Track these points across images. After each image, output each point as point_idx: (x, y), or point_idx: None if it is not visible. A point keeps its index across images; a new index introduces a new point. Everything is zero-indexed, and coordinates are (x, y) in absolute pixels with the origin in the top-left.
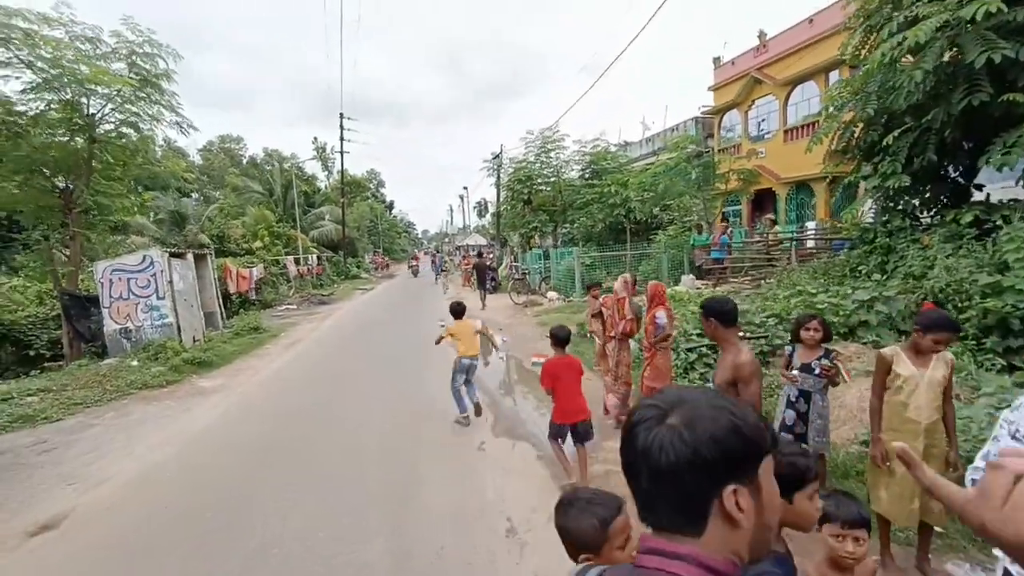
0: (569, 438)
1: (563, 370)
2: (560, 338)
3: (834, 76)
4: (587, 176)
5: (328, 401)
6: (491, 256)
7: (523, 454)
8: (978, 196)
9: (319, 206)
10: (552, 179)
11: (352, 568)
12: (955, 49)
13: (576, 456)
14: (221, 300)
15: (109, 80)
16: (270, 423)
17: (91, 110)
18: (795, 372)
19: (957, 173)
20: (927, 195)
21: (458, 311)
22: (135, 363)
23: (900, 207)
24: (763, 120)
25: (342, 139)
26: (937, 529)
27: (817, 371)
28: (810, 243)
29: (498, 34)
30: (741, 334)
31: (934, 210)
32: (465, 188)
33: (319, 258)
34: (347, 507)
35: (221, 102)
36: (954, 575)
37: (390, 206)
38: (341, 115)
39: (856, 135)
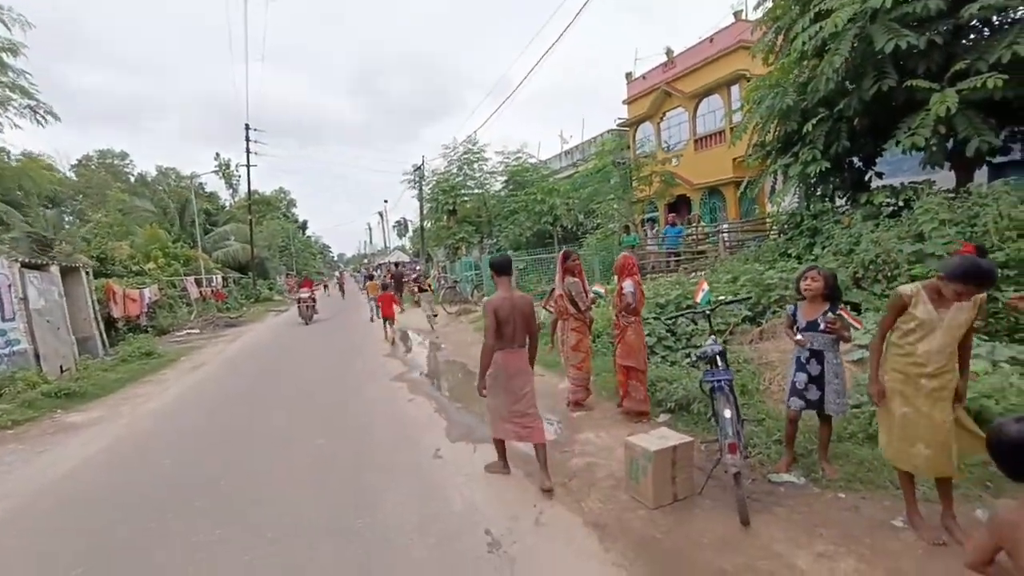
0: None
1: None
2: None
3: (735, 90)
4: (511, 188)
5: (246, 422)
6: (418, 270)
7: (487, 457)
8: (877, 182)
9: (223, 224)
10: (476, 191)
11: None
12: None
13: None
14: (101, 325)
15: None
16: (169, 455)
17: None
18: (800, 334)
19: (860, 162)
20: (841, 181)
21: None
22: None
23: (820, 192)
24: (675, 131)
25: (248, 151)
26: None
27: (822, 326)
28: (727, 236)
29: (411, 57)
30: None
31: (845, 196)
32: (385, 202)
33: (225, 279)
34: (282, 546)
35: (98, 118)
36: (983, 520)
37: (303, 226)
38: (247, 125)
39: (774, 128)
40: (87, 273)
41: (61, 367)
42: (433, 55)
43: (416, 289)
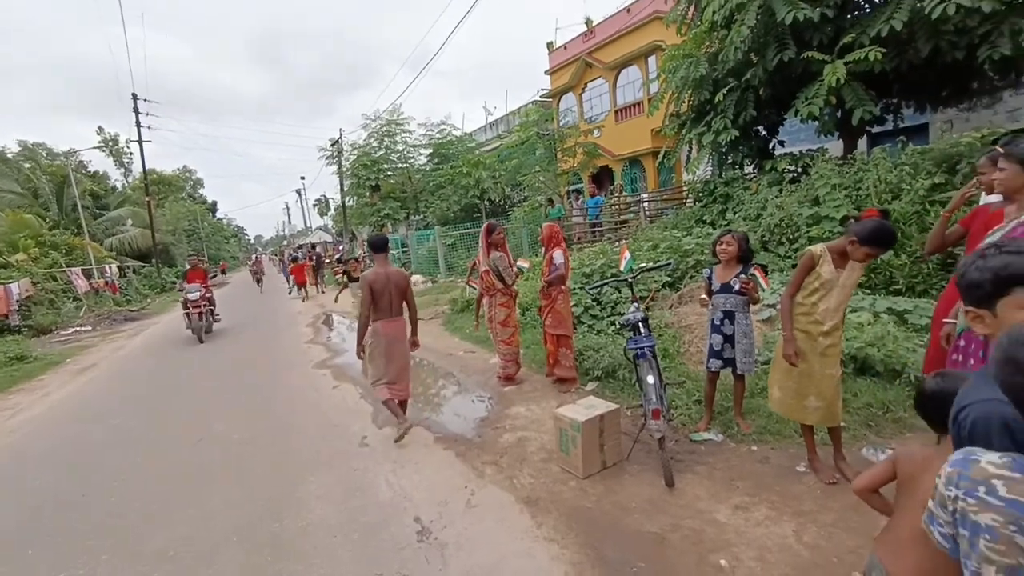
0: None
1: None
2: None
3: (652, 61)
4: (436, 162)
5: (146, 426)
6: (342, 249)
7: (417, 440)
8: (780, 150)
9: (116, 208)
10: (400, 165)
11: None
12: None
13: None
14: None
15: None
16: (43, 475)
17: None
18: (716, 296)
19: (765, 130)
20: (749, 149)
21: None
22: None
23: (731, 160)
24: (596, 102)
25: (139, 124)
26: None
27: (737, 287)
28: (647, 205)
29: (317, 29)
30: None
31: (753, 164)
32: (302, 179)
33: (122, 268)
34: (180, 563)
35: None
36: (869, 458)
37: (213, 208)
38: (134, 95)
39: (688, 98)
40: None
41: None
42: (342, 27)
43: (342, 272)
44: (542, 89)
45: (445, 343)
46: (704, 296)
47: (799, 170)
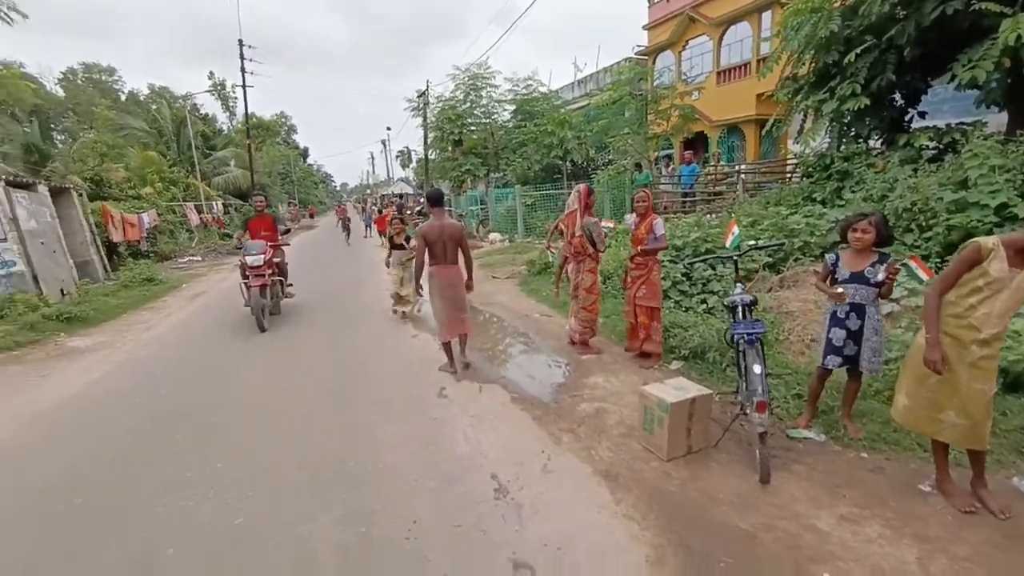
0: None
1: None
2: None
3: (767, 17)
4: (519, 119)
5: (243, 357)
6: (422, 202)
7: (494, 397)
8: (919, 123)
9: (222, 149)
10: (484, 120)
11: (289, 558)
12: None
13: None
14: (101, 249)
15: None
16: (165, 386)
17: None
18: (843, 287)
19: (903, 99)
20: (880, 120)
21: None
22: None
23: (855, 133)
24: (696, 61)
25: (243, 70)
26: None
27: (880, 277)
28: (745, 177)
29: None
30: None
31: (881, 138)
32: (388, 129)
33: (225, 206)
34: (275, 487)
35: (78, 29)
36: (1021, 489)
37: (304, 153)
38: (240, 41)
39: (810, 60)
40: (80, 195)
41: (62, 291)
42: None
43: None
44: (638, 45)
45: (521, 304)
46: (840, 289)
47: (941, 147)
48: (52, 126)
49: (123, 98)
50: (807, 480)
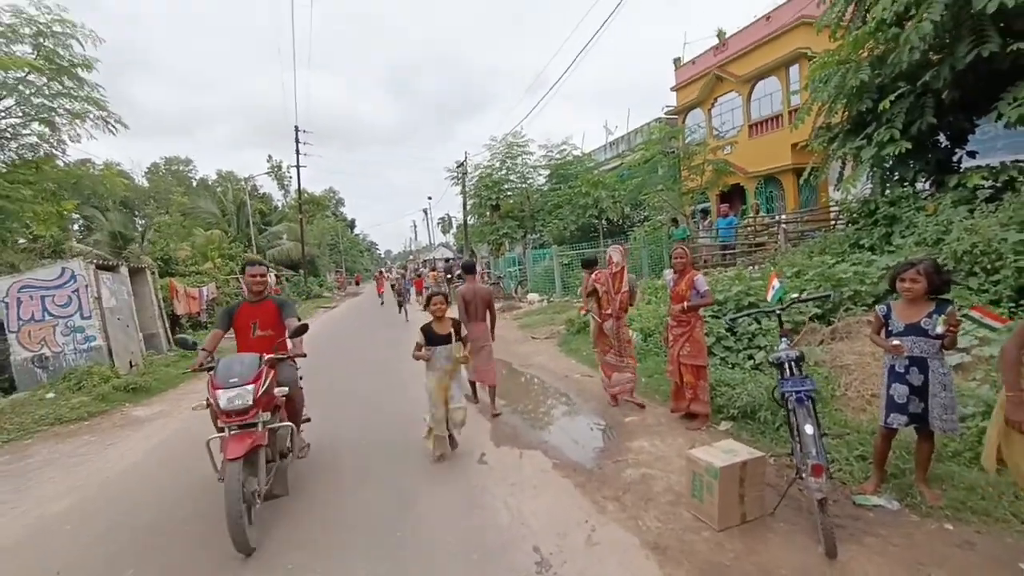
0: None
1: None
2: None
3: (794, 71)
4: (554, 182)
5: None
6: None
7: (535, 464)
8: (968, 163)
9: (276, 224)
10: (519, 185)
11: None
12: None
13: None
14: (167, 322)
15: (8, 63)
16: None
17: None
18: (898, 339)
19: (948, 140)
20: (924, 163)
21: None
22: (51, 395)
23: (898, 176)
24: (727, 117)
25: (298, 152)
26: None
27: (939, 330)
28: (787, 227)
29: (449, 56)
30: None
31: (928, 180)
32: (429, 198)
33: (278, 276)
34: (315, 549)
35: (165, 129)
36: None
37: (351, 224)
38: (296, 127)
39: (842, 108)
40: (152, 273)
41: (130, 362)
42: (469, 53)
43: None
44: (667, 106)
45: (561, 364)
46: (896, 342)
47: (999, 185)
48: (135, 213)
49: (195, 183)
50: (882, 555)
